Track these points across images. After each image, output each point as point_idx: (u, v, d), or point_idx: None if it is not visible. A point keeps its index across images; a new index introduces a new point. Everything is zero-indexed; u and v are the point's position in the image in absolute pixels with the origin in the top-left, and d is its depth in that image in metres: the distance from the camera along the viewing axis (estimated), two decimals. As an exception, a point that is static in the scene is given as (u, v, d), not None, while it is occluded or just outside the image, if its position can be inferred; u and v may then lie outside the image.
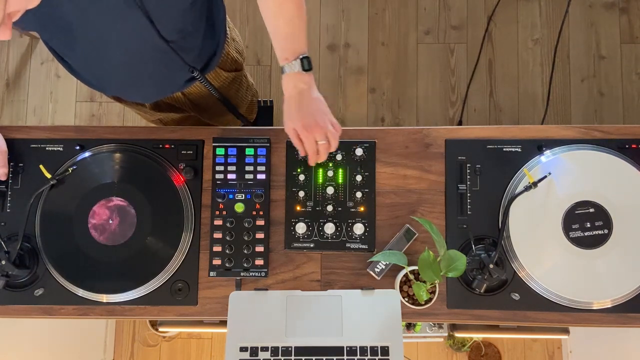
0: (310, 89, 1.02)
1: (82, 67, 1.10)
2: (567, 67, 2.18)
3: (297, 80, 1.01)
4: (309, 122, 1.00)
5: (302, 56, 1.01)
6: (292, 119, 1.02)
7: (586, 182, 1.11)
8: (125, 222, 1.13)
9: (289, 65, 1.01)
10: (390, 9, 2.24)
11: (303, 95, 1.02)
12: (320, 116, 1.01)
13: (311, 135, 1.01)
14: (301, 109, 1.01)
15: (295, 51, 1.01)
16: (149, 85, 1.15)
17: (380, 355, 1.03)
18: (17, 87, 2.28)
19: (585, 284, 1.09)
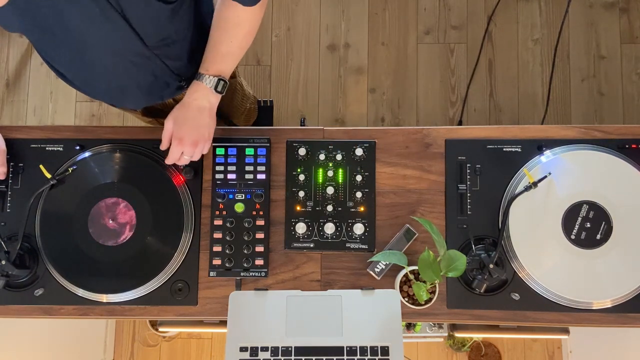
0: (210, 112, 1.07)
1: (69, 73, 1.08)
2: (567, 67, 2.18)
3: (204, 94, 1.06)
4: (188, 137, 1.06)
5: (221, 78, 1.05)
6: (178, 123, 1.06)
7: (586, 182, 1.11)
8: (125, 222, 1.13)
9: (206, 77, 1.05)
10: (390, 9, 2.24)
11: (201, 113, 1.06)
12: (200, 138, 1.07)
13: (182, 148, 1.07)
14: (191, 125, 1.06)
15: (219, 70, 1.05)
16: (137, 92, 1.14)
17: (380, 355, 1.03)
18: (17, 87, 2.28)
19: (585, 284, 1.09)
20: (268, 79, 2.22)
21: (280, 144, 1.19)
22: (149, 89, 1.13)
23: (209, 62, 1.05)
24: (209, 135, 1.09)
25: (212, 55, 1.05)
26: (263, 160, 1.17)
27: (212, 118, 1.08)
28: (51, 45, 0.99)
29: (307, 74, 2.21)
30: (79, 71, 1.07)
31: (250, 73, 2.22)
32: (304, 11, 2.24)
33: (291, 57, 2.22)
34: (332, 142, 1.17)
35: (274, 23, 2.24)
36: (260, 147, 1.17)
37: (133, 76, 1.06)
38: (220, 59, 1.05)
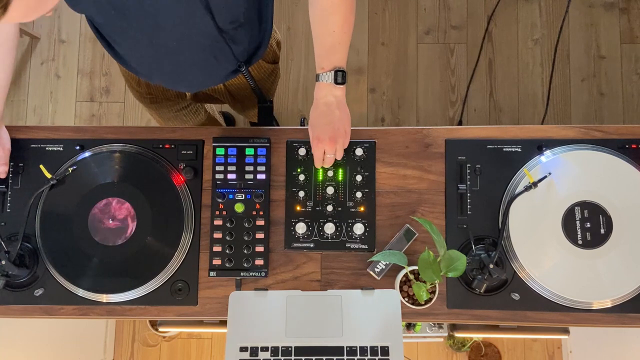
0: (338, 103, 1.07)
1: (131, 53, 1.09)
2: (567, 67, 2.18)
3: (328, 91, 1.06)
4: (324, 135, 1.07)
5: (338, 69, 1.05)
6: (313, 125, 1.09)
7: (586, 182, 1.11)
8: (125, 222, 1.13)
9: (323, 74, 1.05)
10: (390, 9, 2.24)
11: (329, 109, 1.07)
12: (339, 134, 1.08)
13: (322, 146, 1.09)
14: (323, 122, 1.07)
15: (332, 63, 1.05)
16: (196, 75, 1.15)
17: (380, 355, 1.03)
18: (17, 87, 2.28)
19: (585, 284, 1.09)
20: (268, 79, 2.21)
21: (281, 144, 1.19)
22: (208, 71, 1.14)
23: (320, 59, 1.06)
24: (345, 129, 1.09)
25: (320, 52, 1.05)
26: (263, 160, 1.17)
27: (342, 111, 1.08)
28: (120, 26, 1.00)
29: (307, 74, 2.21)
30: (142, 52, 1.08)
31: (250, 73, 2.22)
32: (304, 11, 2.24)
33: (291, 57, 2.22)
34: (332, 142, 1.17)
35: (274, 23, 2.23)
36: (260, 147, 1.17)
37: (196, 58, 1.07)
38: (330, 53, 1.05)
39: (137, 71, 1.16)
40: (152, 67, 1.14)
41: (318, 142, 1.08)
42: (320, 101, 1.07)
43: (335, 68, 1.05)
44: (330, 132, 1.07)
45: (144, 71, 1.16)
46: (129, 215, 1.13)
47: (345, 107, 1.09)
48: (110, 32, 1.05)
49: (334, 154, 1.10)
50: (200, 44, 1.03)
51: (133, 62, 1.13)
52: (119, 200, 1.13)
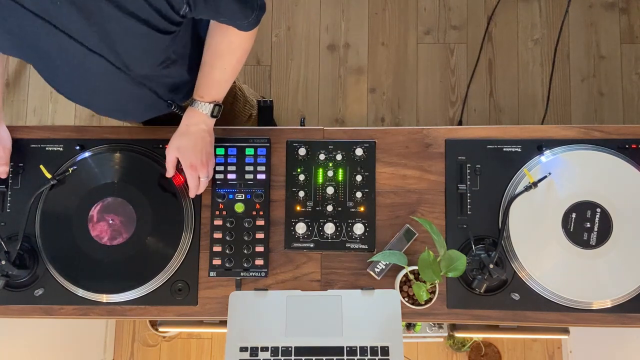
0: (209, 132, 1.10)
1: (68, 93, 1.07)
2: (567, 67, 2.18)
3: (200, 119, 1.07)
4: (199, 162, 1.08)
5: (217, 103, 1.07)
6: (182, 151, 1.08)
7: (586, 182, 1.11)
8: (125, 222, 1.13)
9: (201, 104, 1.06)
10: (390, 9, 2.24)
11: (201, 136, 1.08)
12: (209, 158, 1.11)
13: (196, 174, 1.09)
14: (195, 149, 1.08)
15: (213, 96, 1.07)
16: (137, 108, 1.13)
17: (380, 355, 1.03)
18: (17, 87, 2.28)
19: (585, 284, 1.09)
20: (268, 79, 2.22)
21: (280, 144, 1.19)
22: (146, 109, 1.13)
23: (202, 89, 1.07)
24: (212, 151, 1.12)
25: (205, 82, 1.06)
26: (263, 160, 1.17)
27: (212, 135, 1.12)
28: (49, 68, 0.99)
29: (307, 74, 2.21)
30: (78, 92, 1.06)
31: (250, 73, 2.22)
32: (304, 11, 2.24)
33: (291, 57, 2.22)
34: (332, 142, 1.17)
35: (274, 23, 2.24)
36: (260, 147, 1.17)
37: (134, 96, 1.05)
38: (214, 86, 1.06)
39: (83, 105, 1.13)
40: (92, 105, 1.12)
41: (192, 170, 1.08)
42: (192, 128, 1.08)
43: (215, 102, 1.07)
44: (204, 157, 1.09)
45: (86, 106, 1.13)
46: (129, 215, 1.13)
47: (213, 132, 1.12)
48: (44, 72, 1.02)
49: (207, 178, 1.11)
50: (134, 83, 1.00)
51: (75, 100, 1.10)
52: (118, 200, 1.13)
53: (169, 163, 1.10)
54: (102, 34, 0.83)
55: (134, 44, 0.87)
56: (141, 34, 0.84)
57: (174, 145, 1.10)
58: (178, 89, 1.11)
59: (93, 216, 1.13)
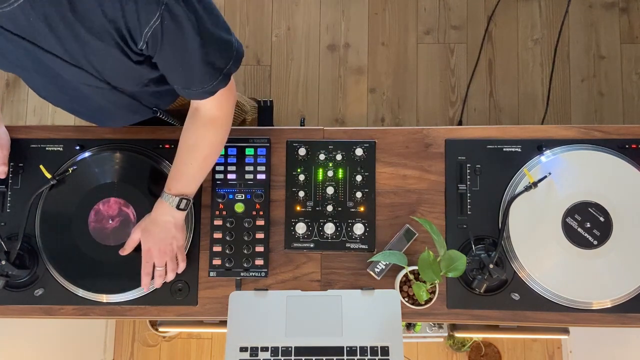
0: (176, 225, 1.07)
1: (51, 99, 1.07)
2: (567, 67, 2.18)
3: (167, 211, 1.06)
4: (156, 250, 1.06)
5: (183, 197, 1.05)
6: (145, 235, 1.07)
7: (586, 182, 1.11)
8: (125, 222, 1.13)
9: (168, 196, 1.05)
10: (390, 9, 2.24)
11: (167, 227, 1.06)
12: (169, 251, 1.07)
13: (151, 260, 1.07)
14: (158, 237, 1.06)
15: (180, 190, 1.05)
16: (119, 116, 1.12)
17: (380, 355, 1.03)
18: (17, 87, 2.28)
19: (585, 284, 1.09)
20: (268, 79, 2.22)
21: (280, 144, 1.19)
22: (134, 110, 1.11)
23: (171, 181, 1.06)
24: (178, 246, 1.09)
25: (174, 174, 1.05)
26: (263, 160, 1.17)
27: (178, 229, 1.08)
28: (29, 78, 0.99)
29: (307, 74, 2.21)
30: (59, 98, 1.06)
31: (250, 73, 2.22)
32: (304, 11, 2.24)
33: (291, 57, 2.22)
34: (332, 142, 1.17)
35: (274, 23, 2.24)
36: (260, 147, 1.17)
37: (116, 103, 1.04)
38: (181, 179, 1.05)
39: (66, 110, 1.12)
40: (74, 111, 1.11)
41: (147, 253, 1.06)
42: (159, 218, 1.06)
43: (182, 195, 1.05)
44: (162, 246, 1.06)
45: (70, 112, 1.12)
46: (128, 215, 1.13)
47: (183, 229, 1.09)
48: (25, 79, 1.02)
49: (163, 268, 1.08)
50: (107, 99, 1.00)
51: (59, 105, 1.09)
52: (118, 201, 1.13)
53: (130, 240, 1.08)
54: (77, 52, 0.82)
55: (106, 63, 0.85)
56: (110, 56, 0.83)
57: (142, 226, 1.08)
58: (161, 96, 1.09)
59: (93, 216, 1.13)
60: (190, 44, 0.83)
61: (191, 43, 0.83)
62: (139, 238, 1.08)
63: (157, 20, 0.77)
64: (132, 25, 0.78)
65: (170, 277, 1.10)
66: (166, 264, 1.09)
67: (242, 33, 2.23)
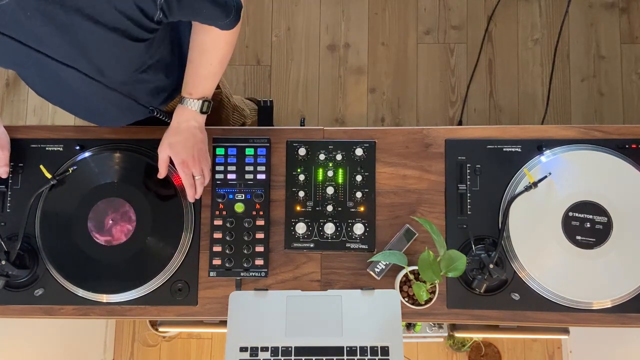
0: (200, 129, 1.09)
1: (49, 97, 1.07)
2: (567, 67, 2.18)
3: (191, 116, 1.06)
4: (190, 158, 1.07)
5: (206, 99, 1.06)
6: (174, 148, 1.07)
7: (586, 182, 1.11)
8: (125, 222, 1.13)
9: (190, 100, 1.05)
10: (390, 9, 2.24)
11: (192, 132, 1.07)
12: (202, 155, 1.09)
13: (189, 171, 1.08)
14: (186, 145, 1.07)
15: (202, 92, 1.06)
16: (115, 116, 1.13)
17: (380, 355, 1.03)
18: (17, 87, 2.28)
19: (585, 284, 1.09)
20: (268, 79, 2.22)
21: (281, 144, 1.19)
22: (130, 109, 1.12)
23: (191, 86, 1.06)
24: (206, 149, 1.11)
25: (192, 79, 1.06)
26: (263, 160, 1.17)
27: (203, 132, 1.10)
28: (28, 75, 0.99)
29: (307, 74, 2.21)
30: (57, 97, 1.06)
31: (250, 73, 2.22)
32: (304, 11, 2.24)
33: (291, 57, 2.22)
34: (332, 142, 1.17)
35: (274, 23, 2.24)
36: (260, 147, 1.17)
37: (112, 102, 1.04)
38: (202, 82, 1.06)
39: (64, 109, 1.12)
40: (72, 110, 1.11)
41: (185, 166, 1.07)
42: (183, 125, 1.07)
43: (204, 97, 1.06)
44: (196, 154, 1.08)
45: (68, 111, 1.12)
46: (129, 215, 1.13)
47: (205, 131, 1.11)
48: (23, 77, 1.03)
49: (202, 176, 1.10)
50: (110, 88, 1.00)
51: (56, 104, 1.10)
52: (118, 200, 1.13)
53: (161, 161, 1.09)
54: (74, 44, 0.82)
55: (108, 52, 0.86)
56: (114, 43, 0.83)
57: (166, 143, 1.09)
58: (157, 93, 1.10)
59: (93, 216, 1.13)
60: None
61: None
62: (168, 155, 1.08)
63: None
64: (143, 2, 0.79)
65: (207, 179, 1.12)
66: None
67: (242, 33, 2.23)
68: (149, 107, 1.08)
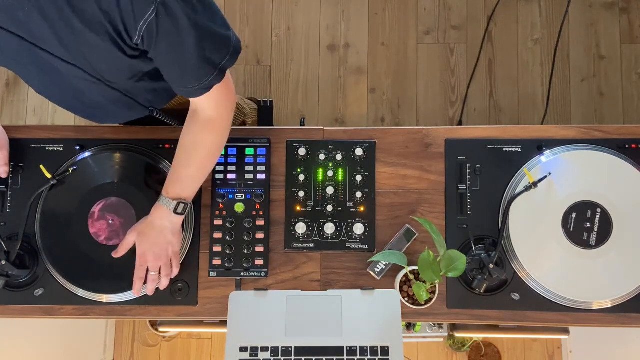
0: (173, 231, 1.06)
1: (47, 94, 1.06)
2: (567, 67, 2.18)
3: (165, 215, 1.04)
4: (151, 254, 1.05)
5: (181, 201, 1.04)
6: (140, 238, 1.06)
7: (586, 182, 1.11)
8: (125, 222, 1.13)
9: (165, 199, 1.04)
10: (390, 9, 2.24)
11: (163, 233, 1.05)
12: (164, 256, 1.06)
13: (145, 265, 1.06)
14: (153, 242, 1.05)
15: (177, 194, 1.04)
16: (113, 113, 1.11)
17: (380, 355, 1.03)
18: (17, 87, 2.28)
19: (585, 284, 1.09)
20: (268, 79, 2.22)
21: (281, 144, 1.19)
22: (129, 107, 1.11)
23: (169, 184, 1.04)
24: (173, 252, 1.08)
25: (171, 176, 1.04)
26: (263, 160, 1.17)
27: (174, 235, 1.07)
28: (27, 74, 0.98)
29: (307, 74, 2.21)
30: (56, 95, 1.05)
31: (250, 73, 2.22)
32: (304, 11, 2.24)
33: (291, 57, 2.22)
34: (332, 142, 1.17)
35: (274, 23, 2.24)
36: (260, 147, 1.17)
37: (112, 100, 1.03)
38: (178, 182, 1.04)
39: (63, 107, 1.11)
40: (71, 108, 1.10)
41: (141, 257, 1.05)
42: (156, 222, 1.05)
43: (179, 199, 1.04)
44: (157, 251, 1.05)
45: (65, 107, 1.11)
46: (129, 215, 1.13)
47: (180, 234, 1.09)
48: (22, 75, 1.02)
49: (156, 273, 1.07)
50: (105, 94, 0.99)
51: (55, 102, 1.08)
52: (119, 200, 1.13)
53: (125, 244, 1.07)
54: (72, 45, 0.82)
55: (100, 57, 0.85)
56: (104, 49, 0.82)
57: (137, 229, 1.07)
58: (158, 94, 1.08)
59: (93, 216, 1.13)
60: (186, 39, 0.82)
61: (187, 38, 0.82)
62: (133, 241, 1.06)
63: (152, 13, 0.77)
64: (127, 19, 0.77)
65: (164, 283, 1.09)
66: (160, 269, 1.08)
67: (242, 33, 2.23)
68: (149, 107, 1.07)
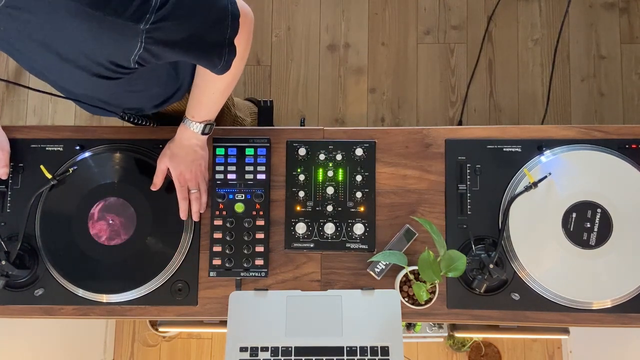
0: (202, 147, 1.12)
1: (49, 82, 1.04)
2: (567, 67, 2.18)
3: (193, 135, 1.08)
4: (188, 172, 1.11)
5: (208, 122, 1.08)
6: (173, 161, 1.10)
7: (586, 182, 1.11)
8: (125, 222, 1.13)
9: (192, 123, 1.07)
10: (390, 9, 2.24)
11: (194, 149, 1.10)
12: (200, 171, 1.12)
13: (185, 184, 1.11)
14: (186, 159, 1.10)
15: (203, 117, 1.07)
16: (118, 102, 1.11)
17: (380, 355, 1.03)
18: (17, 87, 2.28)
19: (585, 284, 1.09)
20: (268, 79, 2.22)
21: (281, 144, 1.19)
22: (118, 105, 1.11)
23: (194, 110, 1.07)
24: (205, 166, 1.14)
25: (196, 104, 1.07)
26: (263, 160, 1.17)
27: (204, 149, 1.13)
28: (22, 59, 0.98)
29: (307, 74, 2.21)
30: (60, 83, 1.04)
31: (250, 73, 2.22)
32: (304, 11, 2.24)
33: (291, 57, 2.22)
34: (332, 142, 1.17)
35: (274, 23, 2.24)
36: (260, 147, 1.17)
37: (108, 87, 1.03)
38: (204, 108, 1.07)
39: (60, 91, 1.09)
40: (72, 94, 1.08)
41: (181, 179, 1.10)
42: (185, 142, 1.09)
43: (206, 121, 1.08)
44: (194, 167, 1.10)
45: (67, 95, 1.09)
46: (129, 215, 1.13)
47: (206, 147, 1.14)
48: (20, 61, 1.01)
49: (198, 190, 1.12)
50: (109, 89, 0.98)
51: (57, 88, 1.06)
52: (118, 201, 1.13)
53: (159, 172, 1.10)
54: None
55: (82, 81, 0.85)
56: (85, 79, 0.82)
57: (167, 154, 1.10)
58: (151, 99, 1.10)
59: (93, 216, 1.13)
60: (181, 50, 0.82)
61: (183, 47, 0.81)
62: (166, 167, 1.10)
63: (140, 49, 0.77)
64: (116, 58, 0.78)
65: (204, 200, 1.13)
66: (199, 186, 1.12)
67: (242, 33, 2.23)
68: (119, 113, 1.08)
